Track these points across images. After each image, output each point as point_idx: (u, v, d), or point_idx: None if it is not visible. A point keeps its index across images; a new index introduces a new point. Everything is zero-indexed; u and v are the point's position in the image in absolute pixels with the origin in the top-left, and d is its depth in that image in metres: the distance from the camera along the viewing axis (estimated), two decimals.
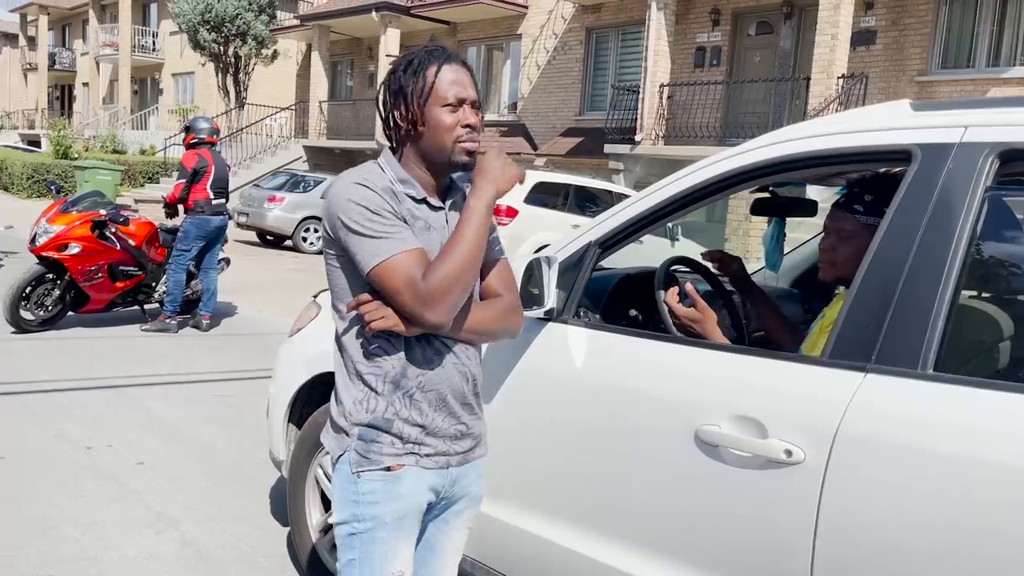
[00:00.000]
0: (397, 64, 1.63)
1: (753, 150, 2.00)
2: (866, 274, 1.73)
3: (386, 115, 1.64)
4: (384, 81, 1.64)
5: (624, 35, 16.29)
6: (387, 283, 1.50)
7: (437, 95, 1.58)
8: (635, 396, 1.97)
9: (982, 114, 1.71)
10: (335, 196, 1.54)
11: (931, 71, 12.12)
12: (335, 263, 1.60)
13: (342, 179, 1.56)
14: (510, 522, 2.20)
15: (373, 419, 1.59)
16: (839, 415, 1.64)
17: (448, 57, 1.61)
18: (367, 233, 1.50)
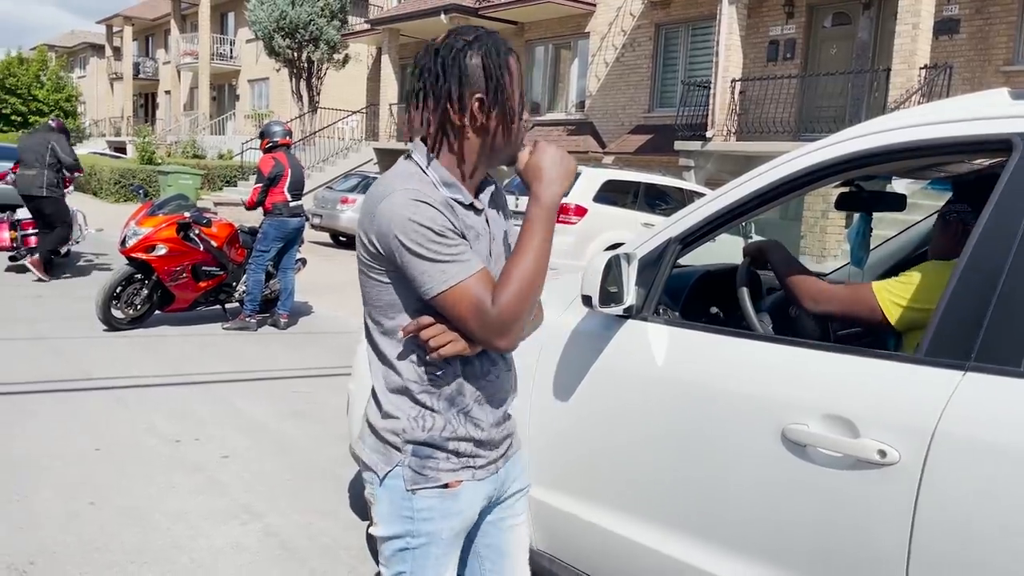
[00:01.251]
0: (466, 45, 1.44)
1: (843, 142, 1.95)
2: (965, 268, 1.66)
3: (455, 99, 1.44)
4: (442, 64, 1.44)
5: (694, 30, 16.06)
6: (453, 310, 1.40)
7: (518, 89, 1.49)
8: (719, 394, 1.95)
9: None
10: (391, 214, 1.38)
11: (1018, 60, 11.57)
12: (383, 279, 1.46)
13: (394, 192, 1.39)
14: (595, 522, 2.19)
15: (430, 437, 1.50)
16: (937, 415, 1.59)
17: (513, 49, 1.51)
18: (432, 257, 1.38)
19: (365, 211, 1.45)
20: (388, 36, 21.25)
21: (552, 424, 2.29)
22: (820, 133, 12.59)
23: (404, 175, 1.44)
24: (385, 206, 1.40)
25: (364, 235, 1.44)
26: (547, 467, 2.29)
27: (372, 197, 1.44)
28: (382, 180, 1.46)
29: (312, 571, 2.98)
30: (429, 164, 1.46)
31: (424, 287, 1.40)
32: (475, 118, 1.45)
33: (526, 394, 2.31)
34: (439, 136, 1.47)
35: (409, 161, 1.48)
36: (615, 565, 2.16)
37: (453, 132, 1.46)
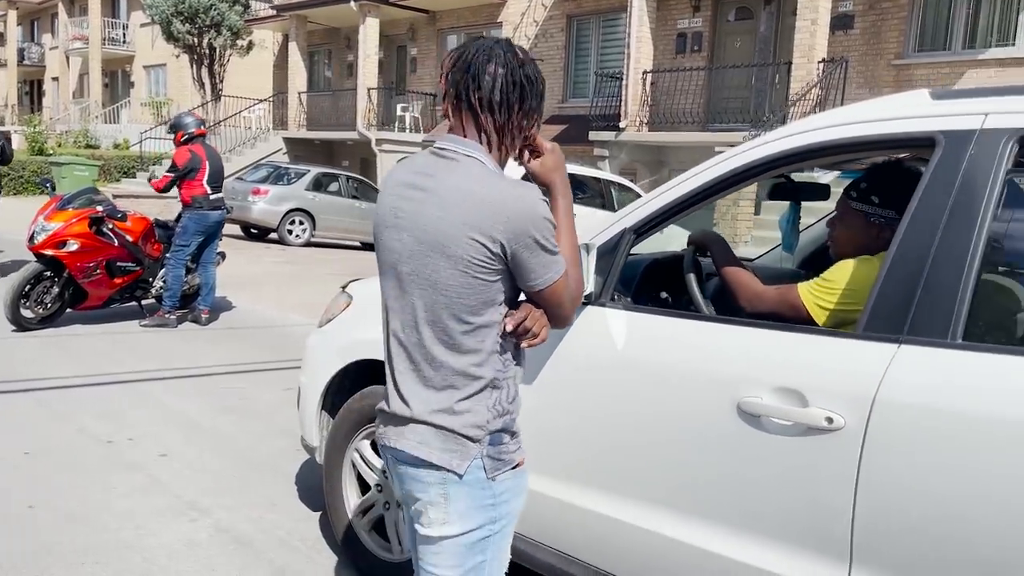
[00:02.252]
0: (528, 59, 1.61)
1: (786, 138, 2.12)
2: (896, 253, 1.85)
3: (515, 111, 1.59)
4: (527, 77, 1.59)
5: (605, 22, 16.38)
6: (561, 295, 1.59)
7: None
8: (677, 372, 2.09)
9: (1001, 102, 1.84)
10: (529, 211, 1.49)
11: (908, 54, 12.34)
12: (491, 278, 1.53)
13: (527, 192, 1.51)
14: (564, 499, 2.31)
15: (504, 423, 1.62)
16: (876, 383, 1.77)
17: None
18: (554, 249, 1.55)
19: (484, 212, 1.49)
20: (295, 23, 20.80)
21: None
22: (727, 123, 13.12)
23: (495, 174, 1.55)
24: (522, 206, 1.49)
25: (482, 236, 1.49)
26: None
27: (494, 199, 1.49)
28: (472, 177, 1.53)
29: (271, 562, 3.00)
30: (490, 162, 1.57)
31: (543, 277, 1.55)
32: (521, 129, 1.62)
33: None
34: (489, 138, 1.59)
35: (475, 161, 1.56)
36: (583, 537, 2.29)
37: (497, 137, 1.59)
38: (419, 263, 1.55)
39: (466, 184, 1.51)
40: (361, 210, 15.01)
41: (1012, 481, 1.58)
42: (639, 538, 2.15)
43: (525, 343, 1.61)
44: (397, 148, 18.43)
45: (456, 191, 1.51)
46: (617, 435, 2.20)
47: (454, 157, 1.56)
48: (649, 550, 2.13)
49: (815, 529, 1.85)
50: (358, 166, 19.97)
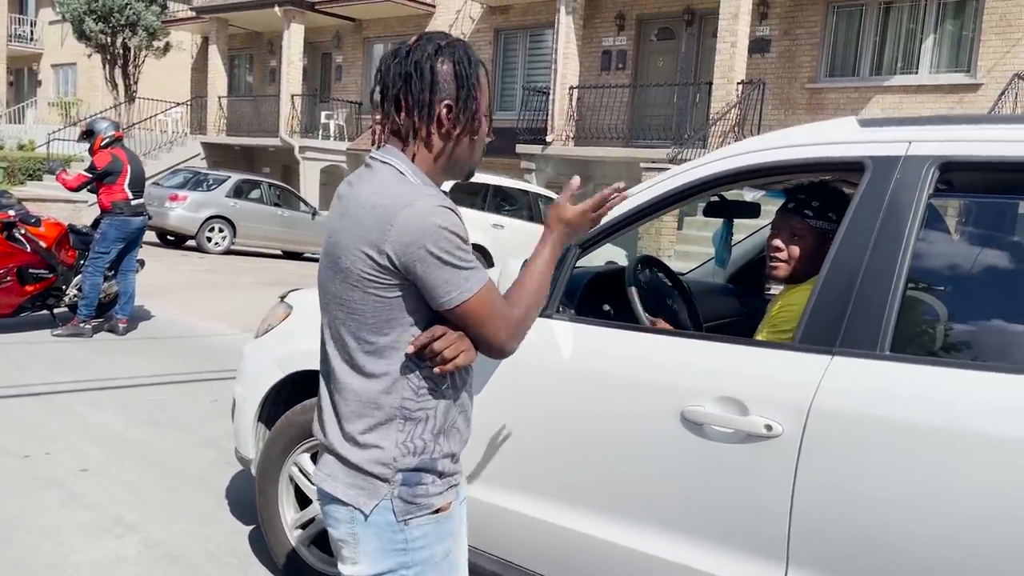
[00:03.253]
0: (438, 51, 1.45)
1: (725, 159, 2.22)
2: (829, 270, 1.97)
3: (423, 105, 1.44)
4: (414, 68, 1.43)
5: (532, 37, 16.59)
6: (478, 313, 1.40)
7: (485, 100, 1.52)
8: (623, 382, 2.16)
9: (923, 131, 1.98)
10: (420, 222, 1.34)
11: (820, 79, 12.94)
12: (388, 294, 1.40)
13: (417, 200, 1.36)
14: (509, 506, 2.34)
15: (421, 461, 1.45)
16: (812, 392, 1.88)
17: (480, 59, 1.53)
18: (459, 264, 1.37)
19: (372, 223, 1.37)
20: (216, 26, 20.31)
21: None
22: (650, 140, 13.46)
23: (399, 180, 1.41)
24: (409, 215, 1.35)
25: (370, 249, 1.37)
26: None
27: (376, 206, 1.38)
28: (375, 187, 1.41)
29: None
30: (410, 169, 1.44)
31: (447, 296, 1.38)
32: (442, 125, 1.46)
33: None
34: (411, 142, 1.47)
35: (390, 168, 1.44)
36: (527, 543, 2.33)
37: (420, 139, 1.46)
38: (326, 276, 1.48)
39: (367, 193, 1.41)
40: (283, 218, 14.75)
41: (936, 485, 1.69)
42: (584, 544, 2.20)
43: (436, 368, 1.43)
44: (320, 156, 18.19)
45: (356, 201, 1.42)
46: (564, 442, 2.26)
47: (371, 164, 1.47)
48: (593, 555, 2.19)
49: (754, 532, 1.94)
50: (280, 173, 19.60)
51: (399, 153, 1.47)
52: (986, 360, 1.87)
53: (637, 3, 14.67)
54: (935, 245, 2.07)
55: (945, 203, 2.13)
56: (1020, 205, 2.10)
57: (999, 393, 1.70)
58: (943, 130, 1.97)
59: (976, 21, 11.70)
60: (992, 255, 2.07)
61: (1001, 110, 10.17)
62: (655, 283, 2.67)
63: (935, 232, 2.05)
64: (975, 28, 11.72)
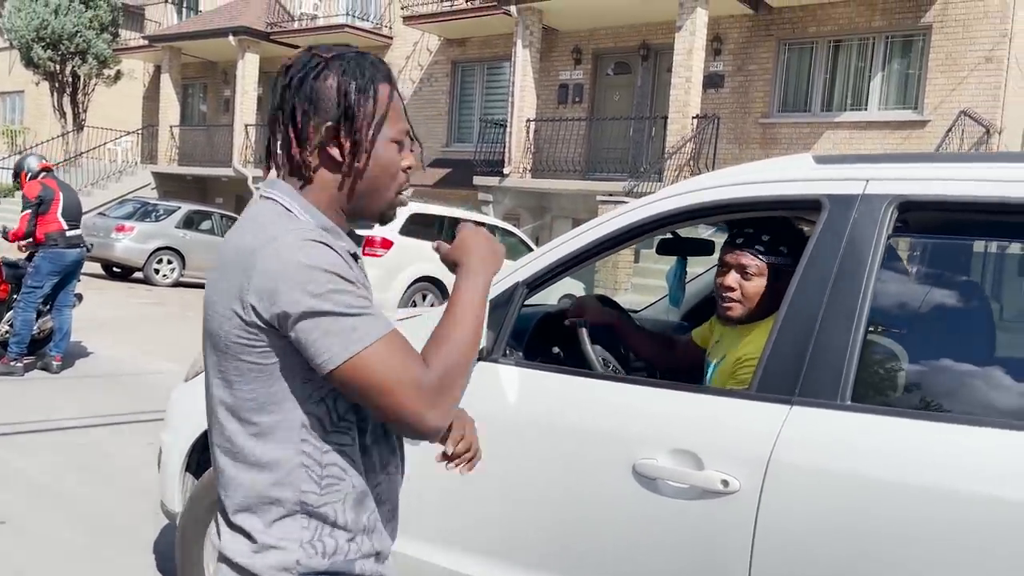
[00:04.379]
0: (322, 64, 1.21)
1: (670, 197, 2.12)
2: (786, 314, 1.87)
3: (300, 129, 1.21)
4: (288, 85, 1.22)
5: (490, 69, 16.64)
6: (373, 376, 1.08)
7: (391, 124, 1.25)
8: (572, 432, 2.03)
9: (881, 169, 1.91)
10: (281, 261, 1.09)
11: (773, 114, 13.15)
12: (264, 360, 1.13)
13: (280, 236, 1.11)
14: (450, 568, 2.18)
15: (332, 564, 1.18)
16: (770, 445, 1.77)
17: (390, 74, 1.28)
18: (340, 311, 1.08)
19: (232, 269, 1.13)
20: (169, 55, 20.04)
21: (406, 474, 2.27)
22: (607, 173, 13.53)
23: (276, 216, 1.16)
24: (270, 254, 1.09)
25: (236, 302, 1.12)
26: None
27: (242, 249, 1.13)
28: (247, 227, 1.16)
29: None
30: (300, 205, 1.20)
31: (328, 353, 1.08)
32: (324, 151, 1.21)
33: None
34: (298, 172, 1.22)
35: (272, 203, 1.20)
36: None
37: (310, 171, 1.22)
38: (204, 347, 1.22)
39: (237, 236, 1.17)
40: None
41: (902, 542, 1.59)
42: None
43: (456, 469, 1.31)
44: None
45: (227, 248, 1.18)
46: (508, 495, 2.11)
47: (254, 202, 1.25)
48: None
49: None
50: (233, 204, 19.27)
51: (284, 186, 1.22)
52: (949, 410, 1.78)
53: (594, 38, 14.81)
54: (895, 287, 1.99)
55: (904, 243, 2.05)
56: (979, 245, 2.04)
57: (964, 446, 1.61)
58: (901, 168, 1.90)
59: (922, 59, 12.01)
60: (953, 297, 2.00)
61: (948, 146, 10.41)
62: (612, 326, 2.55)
63: (895, 273, 1.97)
64: (921, 66, 12.02)
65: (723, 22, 13.21)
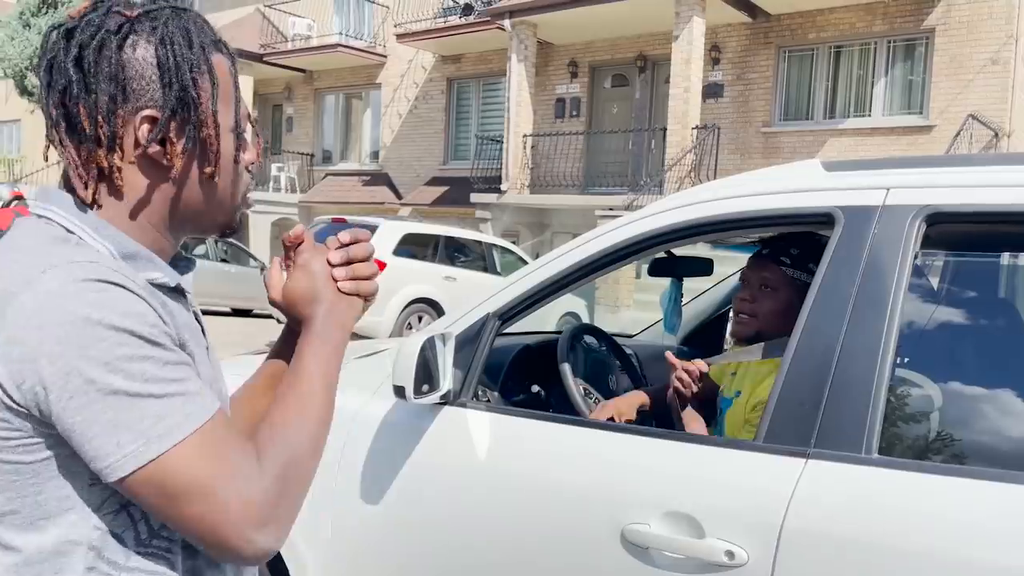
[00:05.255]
0: (125, 26, 0.85)
1: (661, 213, 1.84)
2: (798, 347, 1.59)
3: (102, 122, 0.85)
4: (78, 59, 0.84)
5: (485, 86, 16.45)
6: (180, 482, 0.77)
7: (228, 108, 0.92)
8: (550, 490, 1.74)
9: (904, 175, 1.63)
10: (47, 314, 0.75)
11: (775, 123, 12.89)
12: (24, 457, 0.79)
13: (46, 273, 0.77)
14: None
15: None
16: (783, 508, 1.47)
17: (221, 38, 0.94)
18: (137, 390, 0.76)
19: None
20: None
21: (359, 530, 1.98)
22: (605, 187, 13.28)
23: (48, 243, 0.82)
24: (26, 304, 0.76)
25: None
26: None
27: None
28: (12, 261, 0.81)
29: None
30: (88, 224, 0.85)
31: (117, 454, 0.75)
32: (144, 154, 0.87)
33: (327, 497, 1.98)
34: (94, 179, 0.86)
35: (45, 223, 0.85)
36: None
37: (109, 177, 0.87)
38: None
39: None
40: (230, 274, 14.29)
41: None
42: None
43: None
44: (271, 209, 17.78)
45: None
46: (475, 563, 1.81)
47: (22, 221, 0.88)
48: None
49: None
50: None
51: (67, 198, 0.87)
52: (999, 464, 1.48)
53: (590, 50, 14.60)
54: (926, 314, 1.70)
55: (935, 261, 1.77)
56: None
57: (1016, 507, 1.31)
58: (927, 174, 1.62)
59: (926, 63, 11.76)
60: (997, 325, 1.71)
61: (956, 151, 10.13)
62: (595, 357, 2.27)
63: (925, 298, 1.68)
64: (925, 70, 11.76)
65: (721, 31, 12.99)
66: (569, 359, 2.11)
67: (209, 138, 0.90)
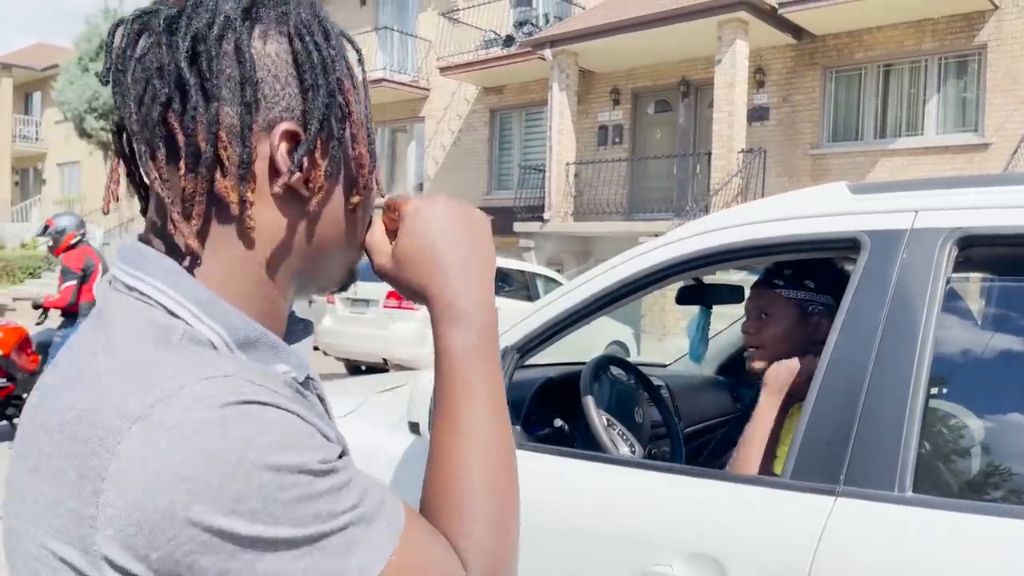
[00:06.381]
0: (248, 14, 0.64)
1: (682, 240, 1.79)
2: (825, 378, 1.51)
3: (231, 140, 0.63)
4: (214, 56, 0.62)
5: (528, 115, 16.54)
6: None
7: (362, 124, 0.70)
8: (570, 529, 1.68)
9: (932, 197, 1.55)
10: (180, 468, 0.52)
11: (823, 144, 12.66)
12: None
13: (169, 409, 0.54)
14: None
15: None
16: (812, 550, 1.39)
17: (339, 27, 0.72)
18: (327, 529, 0.56)
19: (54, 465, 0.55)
20: None
21: None
22: (651, 213, 13.18)
23: (154, 341, 0.59)
24: (145, 448, 0.53)
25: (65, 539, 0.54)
26: None
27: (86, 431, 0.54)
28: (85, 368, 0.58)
29: None
30: (198, 301, 0.62)
31: None
32: (281, 179, 0.64)
33: None
34: (200, 221, 0.63)
35: (143, 302, 0.62)
36: None
37: (245, 210, 0.64)
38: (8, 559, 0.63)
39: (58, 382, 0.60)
40: None
41: None
42: None
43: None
44: None
45: (44, 419, 0.58)
46: None
47: (110, 302, 0.63)
48: None
49: None
50: None
51: (164, 265, 0.63)
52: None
53: (631, 77, 14.58)
54: (961, 341, 1.61)
55: (967, 287, 1.68)
56: None
57: None
58: (957, 195, 1.54)
59: (980, 80, 11.44)
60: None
61: (1015, 169, 9.80)
62: (620, 389, 2.20)
63: (958, 324, 1.59)
64: (979, 87, 11.45)
65: (765, 53, 12.86)
66: (593, 391, 2.05)
67: (361, 157, 0.69)
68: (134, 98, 0.63)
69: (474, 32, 16.11)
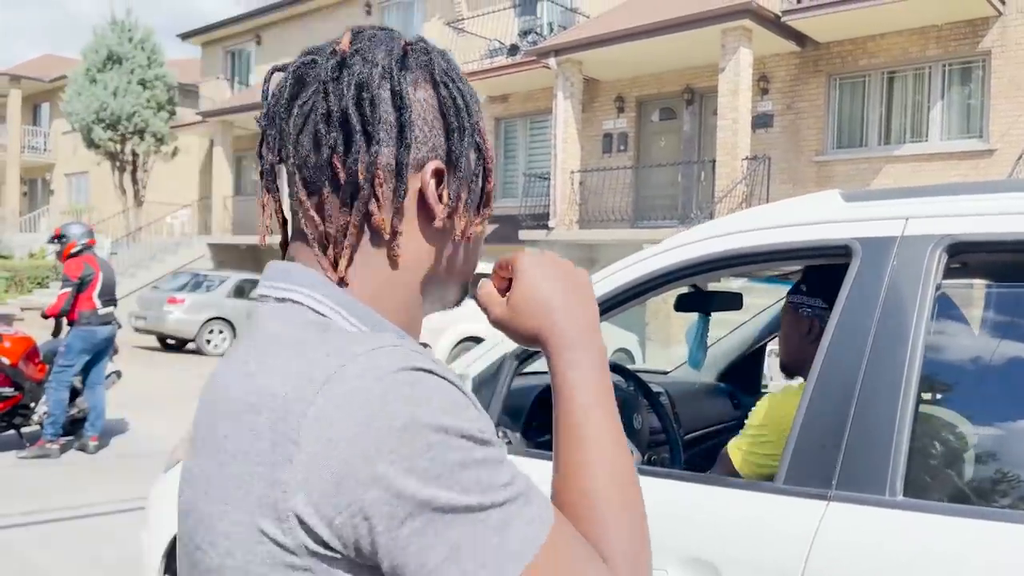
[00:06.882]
0: (427, 53, 0.75)
1: (677, 248, 1.81)
2: (817, 384, 1.53)
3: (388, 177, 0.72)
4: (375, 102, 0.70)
5: (532, 124, 16.59)
6: None
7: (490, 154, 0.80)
8: None
9: (922, 204, 1.57)
10: (359, 427, 0.59)
11: (827, 151, 12.66)
12: None
13: (354, 362, 0.62)
14: None
15: None
16: (804, 554, 1.41)
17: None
18: (485, 502, 0.60)
19: (257, 446, 0.62)
20: (221, 128, 20.61)
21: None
22: (656, 221, 13.19)
23: (317, 329, 0.67)
24: (328, 410, 0.60)
25: (264, 510, 0.60)
26: None
27: (274, 402, 0.62)
28: (264, 357, 0.66)
29: None
30: (343, 304, 0.71)
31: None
32: (428, 210, 0.74)
33: None
34: (351, 250, 0.72)
35: (297, 308, 0.70)
36: None
37: (375, 244, 0.73)
38: (186, 546, 0.69)
39: (243, 375, 0.67)
40: None
41: None
42: None
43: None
44: None
45: (225, 403, 0.67)
46: None
47: (260, 309, 0.74)
48: None
49: None
50: None
51: (314, 276, 0.72)
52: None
53: (636, 85, 14.63)
54: (951, 346, 1.62)
55: (957, 293, 1.69)
56: None
57: None
58: (946, 203, 1.56)
59: (984, 86, 11.43)
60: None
61: (1020, 175, 9.78)
62: (618, 395, 2.22)
63: (949, 330, 1.61)
64: (983, 93, 11.44)
65: (769, 60, 12.89)
66: None
67: (492, 191, 0.79)
68: (293, 140, 0.71)
69: (479, 41, 16.19)
